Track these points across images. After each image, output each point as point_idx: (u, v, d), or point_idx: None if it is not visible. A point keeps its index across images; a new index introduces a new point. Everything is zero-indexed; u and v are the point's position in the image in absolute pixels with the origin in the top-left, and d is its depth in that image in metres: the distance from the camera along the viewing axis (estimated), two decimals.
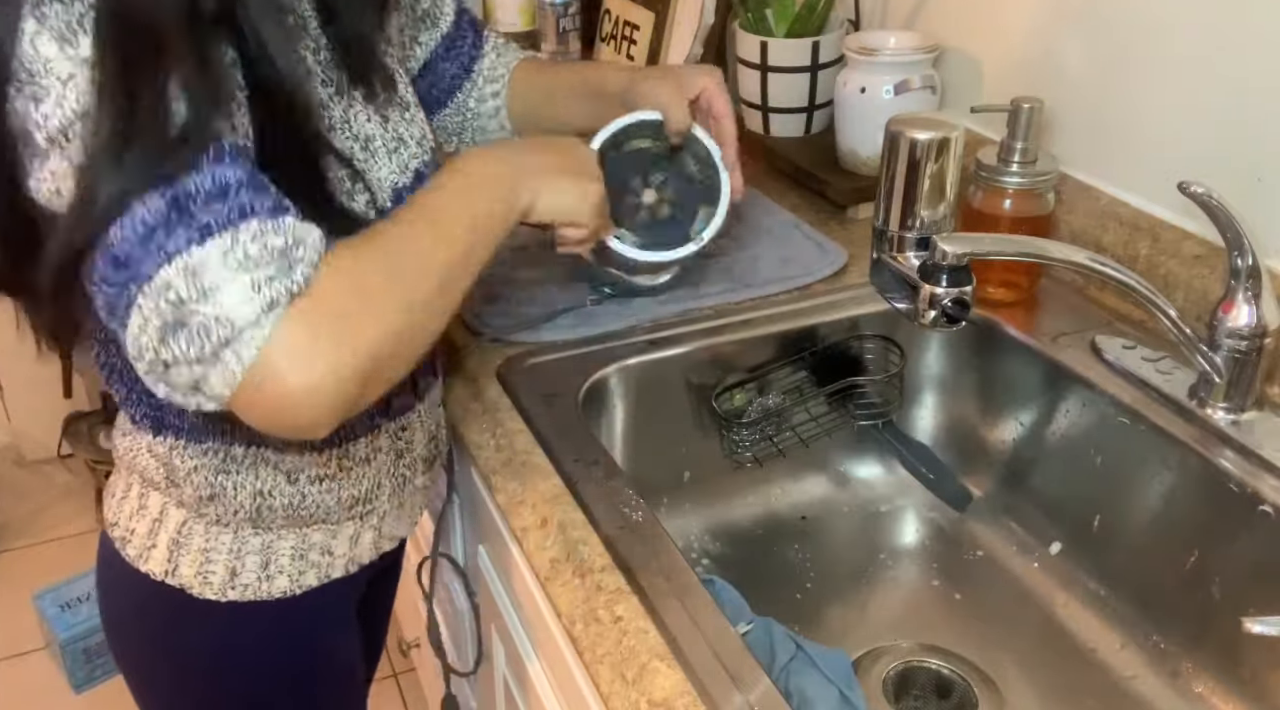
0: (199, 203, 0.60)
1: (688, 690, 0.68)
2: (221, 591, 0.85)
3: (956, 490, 1.11)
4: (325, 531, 0.87)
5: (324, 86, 0.76)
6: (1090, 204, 1.09)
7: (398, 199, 0.81)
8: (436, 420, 0.95)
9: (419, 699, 1.94)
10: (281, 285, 0.61)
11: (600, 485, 0.85)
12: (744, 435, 1.08)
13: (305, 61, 0.74)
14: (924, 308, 0.85)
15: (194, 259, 0.59)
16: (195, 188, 0.60)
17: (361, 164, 0.78)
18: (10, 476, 2.48)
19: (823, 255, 1.18)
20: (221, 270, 0.60)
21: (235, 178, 0.61)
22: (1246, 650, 0.87)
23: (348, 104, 0.78)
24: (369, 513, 0.89)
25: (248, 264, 0.60)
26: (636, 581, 0.76)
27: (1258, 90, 0.93)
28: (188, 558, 0.84)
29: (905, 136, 0.90)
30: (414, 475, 0.92)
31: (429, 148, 0.87)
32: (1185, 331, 0.88)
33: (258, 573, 0.85)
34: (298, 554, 0.86)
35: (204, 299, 0.60)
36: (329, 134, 0.75)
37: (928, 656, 0.96)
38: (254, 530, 0.84)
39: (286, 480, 0.83)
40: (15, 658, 2.03)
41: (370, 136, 0.80)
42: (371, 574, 0.96)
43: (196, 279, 0.59)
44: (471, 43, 1.05)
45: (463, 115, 1.07)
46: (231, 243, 0.60)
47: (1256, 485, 0.85)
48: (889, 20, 1.35)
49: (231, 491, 0.82)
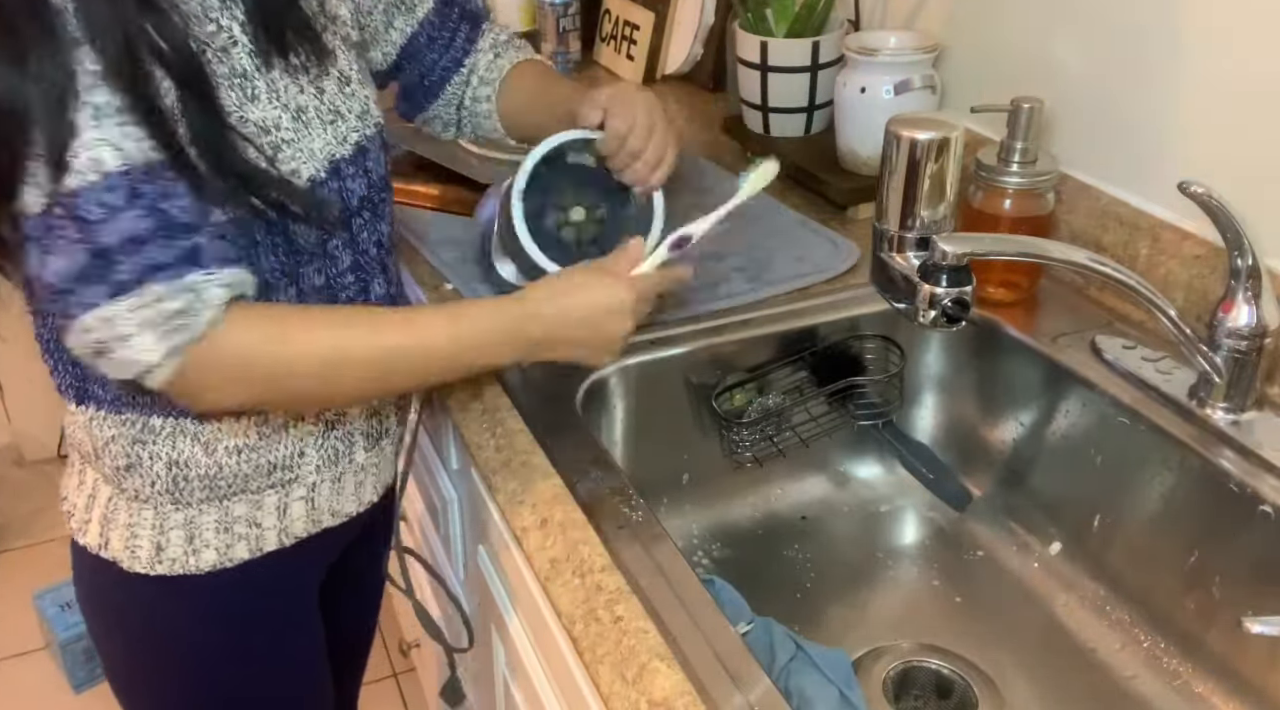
0: (115, 256, 0.70)
1: (688, 690, 0.68)
2: (149, 566, 0.88)
3: (956, 490, 1.11)
4: (248, 502, 0.88)
5: (252, 57, 0.79)
6: (1090, 204, 1.09)
7: (334, 170, 0.84)
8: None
9: (419, 699, 1.94)
10: (181, 338, 0.72)
11: (600, 485, 0.85)
12: (744, 435, 1.08)
13: (229, 31, 0.77)
14: (924, 308, 0.85)
15: (108, 312, 0.70)
16: (111, 241, 0.69)
17: (289, 133, 0.80)
18: (10, 476, 2.48)
19: (836, 251, 1.18)
20: (130, 324, 0.71)
21: (146, 229, 0.70)
22: (1246, 650, 0.87)
23: (279, 74, 0.81)
24: (292, 481, 0.90)
25: (149, 322, 0.71)
26: (636, 581, 0.76)
27: (1258, 90, 0.93)
28: (116, 532, 0.88)
29: (905, 136, 0.90)
30: (351, 450, 0.93)
31: (373, 123, 0.89)
32: (1185, 331, 0.88)
33: (183, 547, 0.88)
34: (222, 527, 0.88)
35: (119, 343, 0.71)
36: (252, 102, 0.78)
37: (928, 656, 0.96)
38: (174, 506, 0.86)
39: (204, 452, 0.85)
40: (15, 658, 2.03)
41: (303, 107, 0.82)
42: (332, 556, 0.98)
43: (112, 326, 0.71)
44: (465, 37, 1.05)
45: (457, 111, 1.08)
46: (138, 302, 0.70)
47: (1256, 485, 0.85)
48: (889, 20, 1.35)
49: (148, 462, 0.84)
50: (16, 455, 2.51)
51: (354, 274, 0.89)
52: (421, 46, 1.04)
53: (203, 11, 0.76)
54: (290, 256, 0.82)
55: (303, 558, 0.94)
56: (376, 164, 0.90)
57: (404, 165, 1.36)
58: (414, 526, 1.52)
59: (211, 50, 0.76)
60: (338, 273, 0.87)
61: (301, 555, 0.93)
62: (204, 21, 0.76)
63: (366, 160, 0.88)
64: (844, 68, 1.26)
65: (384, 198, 0.92)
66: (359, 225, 0.88)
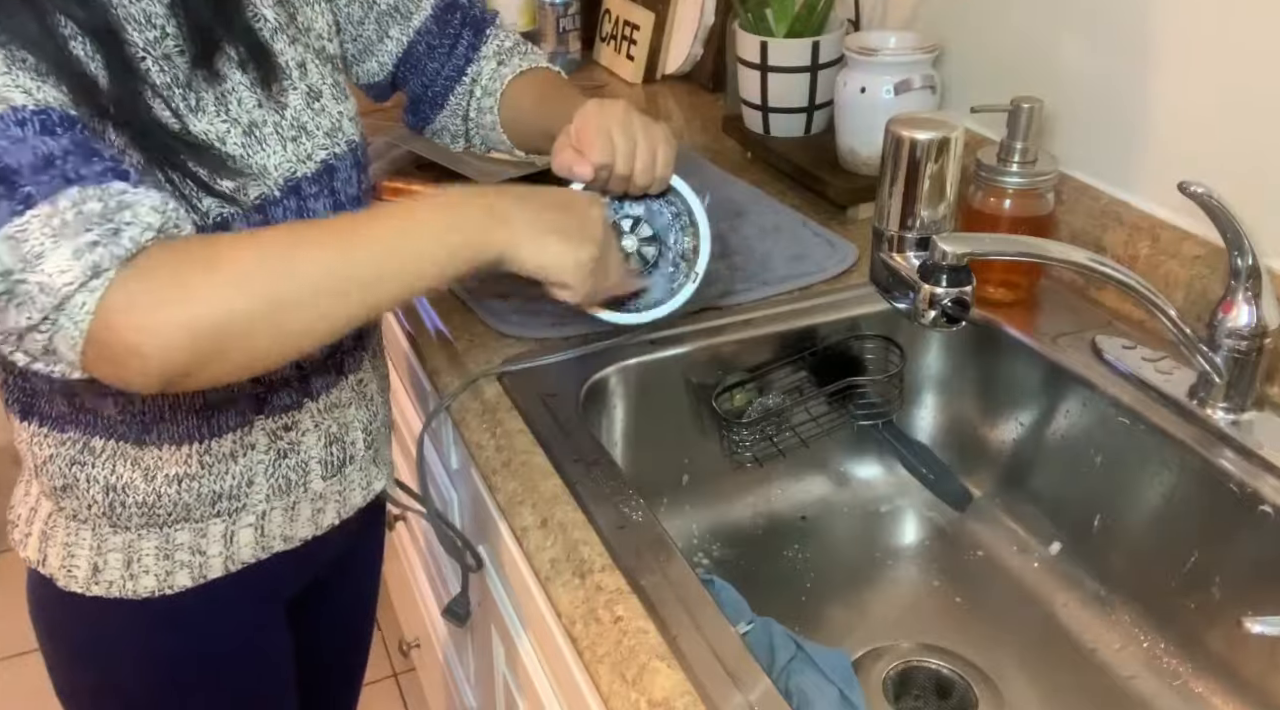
0: (24, 176, 0.60)
1: (688, 690, 0.68)
2: (85, 586, 0.85)
3: (956, 490, 1.11)
4: (191, 530, 0.84)
5: (194, 66, 0.75)
6: (1090, 204, 1.09)
7: (294, 189, 0.80)
8: (342, 423, 0.91)
9: (419, 699, 1.94)
10: (105, 251, 0.61)
11: (600, 485, 0.85)
12: (744, 435, 1.08)
13: (175, 38, 0.74)
14: (924, 308, 0.85)
15: (14, 228, 0.60)
16: (17, 163, 0.61)
17: (236, 148, 0.77)
18: (10, 477, 2.47)
19: (833, 251, 1.18)
20: (42, 238, 0.60)
21: (60, 148, 0.62)
22: (1246, 650, 0.87)
23: (232, 87, 0.77)
24: (239, 510, 0.86)
25: (65, 231, 0.60)
26: (636, 581, 0.76)
27: (1258, 90, 0.93)
28: (54, 549, 0.85)
29: (905, 136, 0.90)
30: (307, 479, 0.89)
31: (345, 141, 0.85)
32: (1185, 331, 0.88)
33: (121, 571, 0.84)
34: (163, 554, 0.84)
35: (28, 268, 0.60)
36: (194, 113, 0.75)
37: (928, 656, 0.96)
38: (112, 528, 0.83)
39: (143, 478, 0.82)
40: (15, 657, 2.03)
41: (258, 122, 0.79)
42: (291, 582, 0.95)
43: (19, 247, 0.60)
44: (468, 44, 1.02)
45: (463, 122, 1.05)
46: (50, 211, 0.60)
47: (1256, 485, 0.85)
48: (889, 20, 1.35)
49: (84, 484, 0.82)
50: (15, 455, 2.50)
51: None
52: (421, 55, 1.01)
53: (146, 17, 0.73)
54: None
55: (252, 586, 0.89)
56: (346, 184, 0.86)
57: (404, 165, 1.36)
58: (414, 526, 1.52)
59: (152, 58, 0.73)
60: None
61: (249, 584, 0.89)
62: (147, 27, 0.73)
63: (334, 179, 0.84)
64: (844, 68, 1.26)
65: None
66: None
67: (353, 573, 1.08)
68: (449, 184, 1.32)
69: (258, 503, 0.87)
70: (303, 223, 0.77)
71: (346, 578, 1.06)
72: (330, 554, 0.97)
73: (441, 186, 1.31)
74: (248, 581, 0.89)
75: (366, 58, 0.99)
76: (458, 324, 1.08)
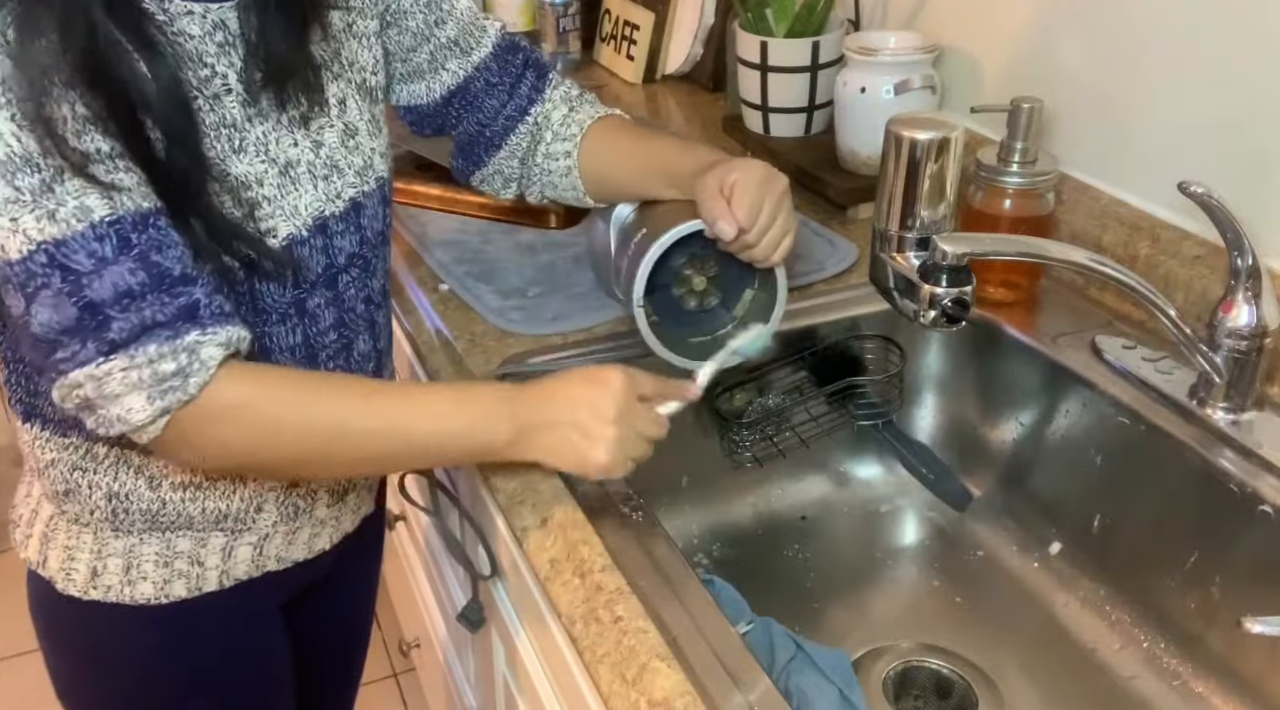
0: (107, 309, 0.67)
1: (688, 690, 0.68)
2: (84, 590, 0.86)
3: (956, 490, 1.11)
4: (192, 538, 0.85)
5: (245, 106, 0.75)
6: (1090, 204, 1.09)
7: (322, 227, 0.80)
8: None
9: (419, 699, 1.93)
10: (174, 397, 0.69)
11: (600, 485, 0.85)
12: (744, 435, 1.08)
13: (224, 78, 0.74)
14: (924, 308, 0.85)
15: (99, 369, 0.68)
16: (100, 298, 0.67)
17: (272, 189, 0.77)
18: (10, 477, 2.47)
19: (833, 251, 1.18)
20: (121, 385, 0.68)
21: (139, 282, 0.67)
22: (1246, 650, 0.87)
23: (272, 126, 0.77)
24: (242, 530, 0.87)
25: (141, 384, 0.68)
26: (636, 581, 0.76)
27: (1258, 89, 0.93)
28: (54, 552, 0.86)
29: (905, 136, 0.90)
30: (313, 506, 0.91)
31: (374, 179, 0.85)
32: (1185, 331, 0.88)
33: (119, 576, 0.85)
34: (162, 561, 0.85)
35: (107, 402, 0.69)
36: (236, 155, 0.75)
37: (928, 656, 0.96)
38: (114, 532, 0.84)
39: (147, 485, 0.82)
40: (15, 658, 2.03)
41: (294, 161, 0.79)
42: (283, 595, 0.95)
43: (101, 386, 0.68)
44: (531, 85, 0.97)
45: (521, 165, 0.99)
46: (128, 364, 0.68)
47: (1256, 485, 0.85)
48: (889, 20, 1.35)
49: (86, 490, 0.82)
50: (15, 455, 2.50)
51: (337, 331, 0.85)
52: (478, 92, 0.96)
53: (198, 56, 0.73)
54: (256, 316, 0.79)
55: (248, 595, 0.90)
56: (373, 219, 0.86)
57: (404, 165, 1.36)
58: (414, 527, 1.52)
59: (204, 98, 0.73)
60: (318, 331, 0.84)
61: (245, 593, 0.90)
62: (199, 65, 0.73)
63: (361, 217, 0.84)
64: (844, 68, 1.26)
65: (378, 253, 0.88)
66: (345, 282, 0.85)
67: (352, 573, 1.08)
68: (448, 185, 1.32)
69: (263, 527, 0.88)
70: (343, 381, 0.82)
71: (345, 578, 1.06)
72: (328, 559, 0.97)
73: (442, 188, 1.32)
74: (243, 591, 0.90)
75: (414, 80, 0.95)
76: (458, 324, 1.08)
